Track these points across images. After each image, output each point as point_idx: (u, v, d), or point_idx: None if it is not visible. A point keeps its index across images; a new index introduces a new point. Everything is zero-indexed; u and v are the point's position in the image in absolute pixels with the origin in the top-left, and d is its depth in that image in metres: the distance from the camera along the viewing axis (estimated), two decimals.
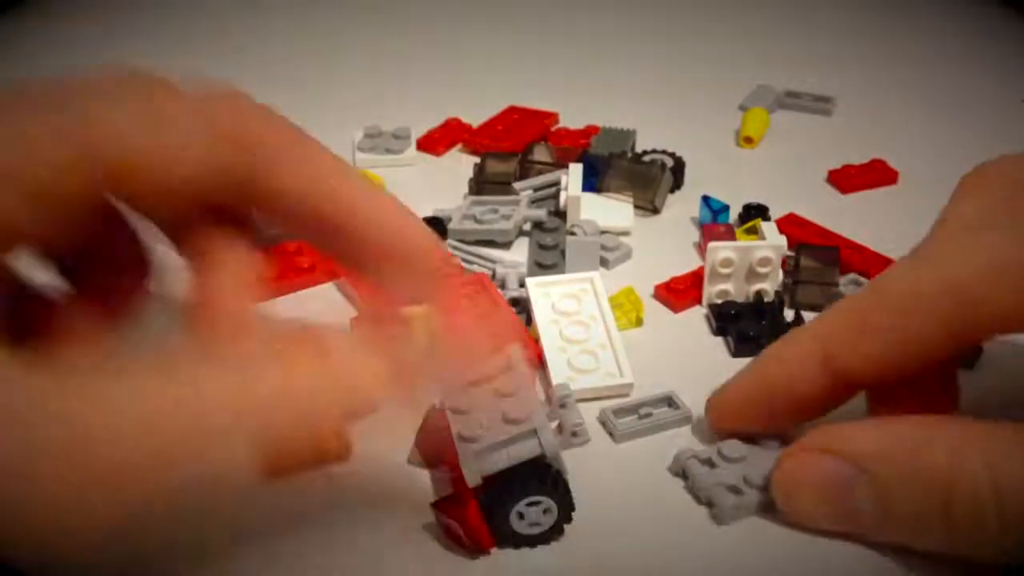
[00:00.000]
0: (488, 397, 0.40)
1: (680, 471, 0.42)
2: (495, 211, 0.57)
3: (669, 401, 0.45)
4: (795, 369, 0.40)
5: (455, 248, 0.55)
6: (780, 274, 0.51)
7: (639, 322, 0.50)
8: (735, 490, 0.40)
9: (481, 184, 0.60)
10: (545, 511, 0.38)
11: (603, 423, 0.45)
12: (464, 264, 0.54)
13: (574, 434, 0.38)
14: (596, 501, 0.40)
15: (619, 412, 0.45)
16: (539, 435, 0.37)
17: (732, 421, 0.42)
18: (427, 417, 0.42)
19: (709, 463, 0.41)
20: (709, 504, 0.40)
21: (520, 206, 0.57)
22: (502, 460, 0.37)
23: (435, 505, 0.39)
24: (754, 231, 0.53)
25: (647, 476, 0.42)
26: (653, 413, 0.45)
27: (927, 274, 0.37)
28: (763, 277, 0.51)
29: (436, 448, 0.41)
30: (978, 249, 0.37)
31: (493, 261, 0.54)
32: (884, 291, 0.39)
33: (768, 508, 0.40)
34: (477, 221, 0.56)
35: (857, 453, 0.37)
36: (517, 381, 0.40)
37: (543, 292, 0.50)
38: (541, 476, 0.38)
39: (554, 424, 0.39)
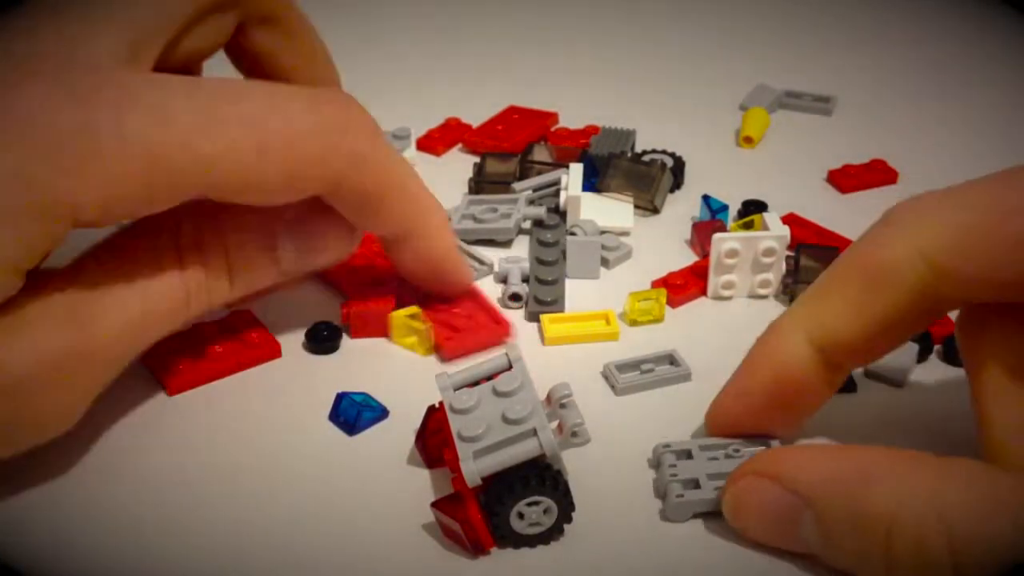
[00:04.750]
0: (488, 397, 0.40)
1: (656, 463, 0.42)
2: (494, 210, 0.56)
3: (671, 359, 0.47)
4: (786, 359, 0.40)
5: None
6: (784, 265, 0.52)
7: (660, 319, 0.51)
8: (693, 485, 0.40)
9: (481, 184, 0.60)
10: (545, 511, 0.38)
11: (605, 377, 0.46)
12: None
13: (574, 434, 0.38)
14: (596, 501, 0.40)
15: (622, 367, 0.46)
16: (539, 435, 0.37)
17: (733, 428, 0.42)
18: (427, 417, 0.42)
19: (687, 455, 0.42)
20: (662, 498, 0.41)
21: (519, 204, 0.56)
22: (502, 460, 0.37)
23: (435, 505, 0.39)
24: (749, 226, 0.53)
25: (647, 477, 0.42)
26: (655, 369, 0.46)
27: (900, 242, 0.38)
28: (767, 268, 0.51)
29: (436, 448, 0.41)
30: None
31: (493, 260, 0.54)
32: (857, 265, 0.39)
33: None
34: (477, 220, 0.56)
35: (802, 484, 0.36)
36: (517, 381, 0.40)
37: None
38: (541, 476, 0.38)
39: (554, 424, 0.39)
